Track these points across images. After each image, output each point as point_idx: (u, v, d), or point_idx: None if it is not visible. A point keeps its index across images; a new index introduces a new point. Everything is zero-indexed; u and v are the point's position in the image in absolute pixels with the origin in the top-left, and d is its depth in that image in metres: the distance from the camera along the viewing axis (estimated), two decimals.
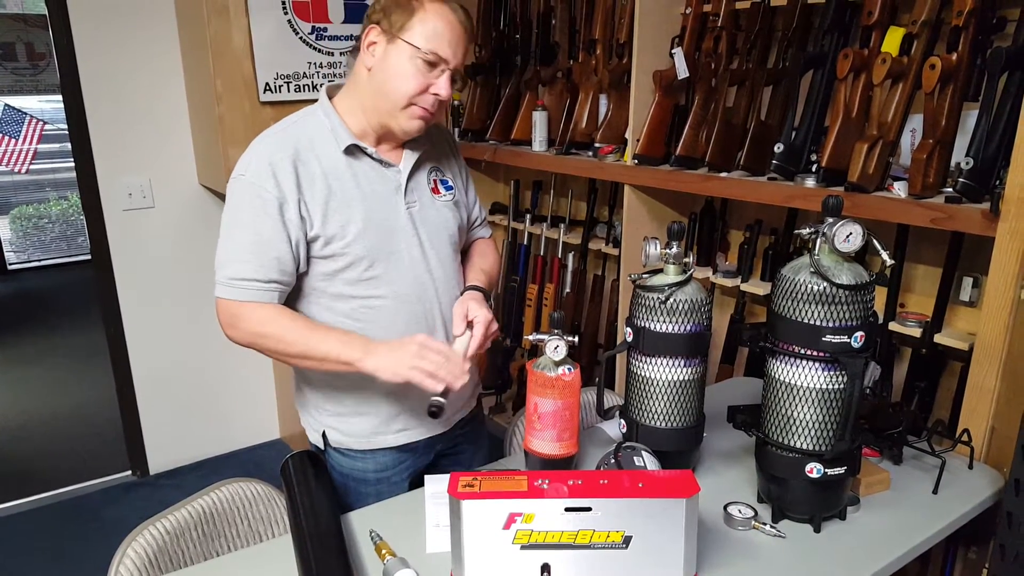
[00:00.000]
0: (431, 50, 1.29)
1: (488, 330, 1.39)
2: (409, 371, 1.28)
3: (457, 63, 1.33)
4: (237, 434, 3.31)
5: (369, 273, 1.37)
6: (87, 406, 3.77)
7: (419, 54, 1.29)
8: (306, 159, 1.33)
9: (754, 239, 2.30)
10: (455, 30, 1.31)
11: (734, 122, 2.13)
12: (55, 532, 2.79)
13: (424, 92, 1.32)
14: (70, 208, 6.52)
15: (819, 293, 1.20)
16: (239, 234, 1.33)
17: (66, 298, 5.54)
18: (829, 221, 1.22)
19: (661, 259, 1.35)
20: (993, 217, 1.52)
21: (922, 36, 1.72)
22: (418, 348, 1.29)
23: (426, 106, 1.33)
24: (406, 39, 1.29)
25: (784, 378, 1.27)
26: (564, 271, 2.98)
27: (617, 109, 2.50)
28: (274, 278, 1.33)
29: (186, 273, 3.00)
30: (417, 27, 1.29)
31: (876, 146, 1.75)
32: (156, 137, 2.85)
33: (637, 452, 1.33)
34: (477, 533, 1.09)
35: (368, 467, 1.48)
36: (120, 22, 2.69)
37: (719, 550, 1.24)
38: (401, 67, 1.30)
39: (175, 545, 1.31)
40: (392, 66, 1.31)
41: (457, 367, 1.30)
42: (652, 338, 1.35)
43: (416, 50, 1.29)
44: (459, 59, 1.33)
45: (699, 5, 2.21)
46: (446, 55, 1.30)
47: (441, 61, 1.31)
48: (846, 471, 1.27)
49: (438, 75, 1.32)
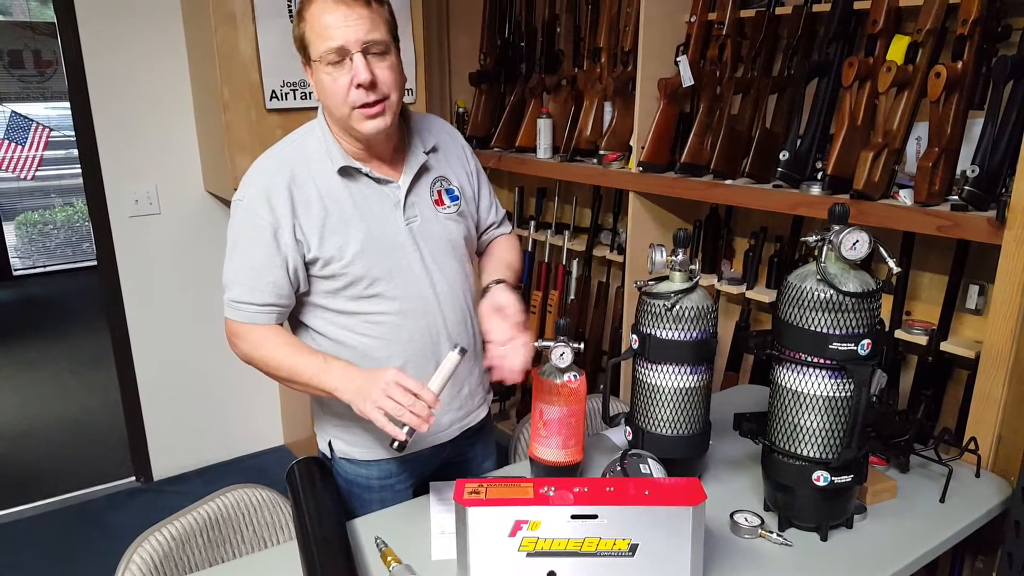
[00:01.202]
0: (325, 50, 1.24)
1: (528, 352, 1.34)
2: (372, 410, 1.21)
3: (359, 39, 1.23)
4: (241, 440, 3.31)
5: (371, 290, 1.37)
6: (92, 412, 3.77)
7: (323, 62, 1.25)
8: (302, 182, 1.33)
9: (759, 247, 2.30)
10: (334, 12, 1.23)
11: (739, 130, 2.14)
12: (59, 538, 2.79)
13: (350, 90, 1.26)
14: (75, 214, 6.54)
15: (826, 300, 1.20)
16: (237, 258, 1.35)
17: (71, 304, 5.55)
18: (836, 228, 1.22)
19: (667, 266, 1.35)
20: (999, 225, 1.52)
21: (927, 44, 1.72)
22: (385, 386, 1.20)
23: (361, 101, 1.26)
24: (313, 58, 1.27)
25: (791, 386, 1.27)
26: (568, 278, 2.98)
27: (622, 117, 2.51)
28: (270, 302, 1.34)
29: (191, 280, 3.00)
30: (311, 40, 1.26)
31: (881, 154, 1.75)
32: (162, 144, 2.86)
33: (643, 459, 1.33)
34: (483, 540, 1.09)
35: (372, 474, 1.48)
36: (127, 29, 2.70)
37: (725, 558, 1.23)
38: (324, 86, 1.28)
39: (180, 551, 1.31)
40: (321, 90, 1.30)
41: (424, 410, 1.19)
42: (658, 345, 1.35)
43: (319, 61, 1.25)
44: (357, 34, 1.23)
45: (704, 13, 2.22)
46: (338, 42, 1.23)
47: (340, 52, 1.24)
48: (853, 479, 1.26)
49: (350, 66, 1.25)
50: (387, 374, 1.22)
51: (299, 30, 1.28)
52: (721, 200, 2.22)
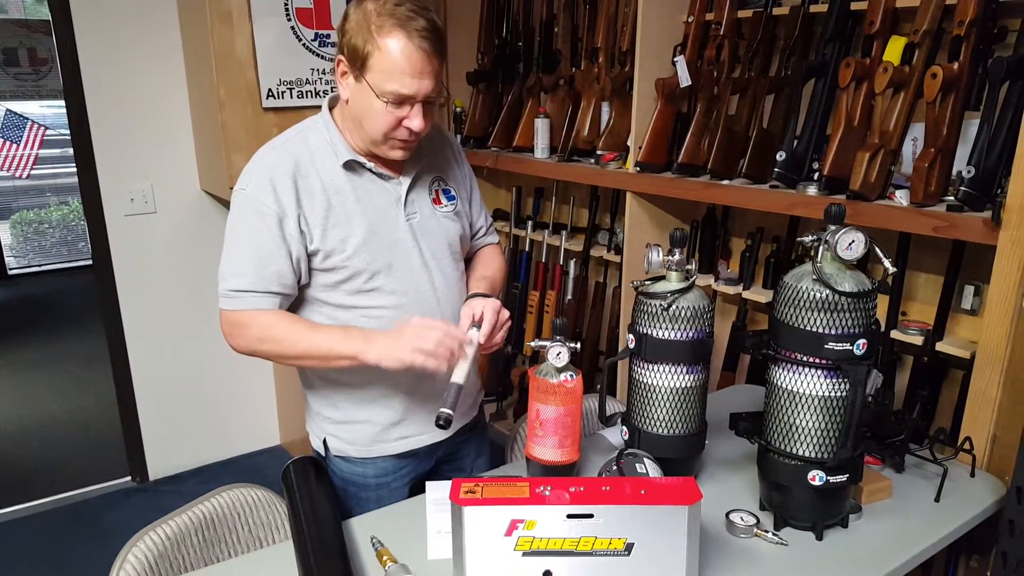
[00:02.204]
0: (393, 91, 1.25)
1: (500, 316, 1.37)
2: (411, 354, 1.26)
3: (426, 92, 1.27)
4: (237, 440, 3.30)
5: (370, 285, 1.38)
6: (87, 411, 3.76)
7: (383, 96, 1.26)
8: (306, 173, 1.33)
9: (756, 247, 2.30)
10: (415, 62, 1.23)
11: (736, 130, 2.14)
12: (55, 538, 2.78)
13: (397, 127, 1.29)
14: (71, 213, 6.52)
15: (822, 300, 1.20)
16: (240, 248, 1.34)
17: (67, 303, 5.54)
18: (832, 229, 1.23)
19: (664, 266, 1.35)
20: (994, 225, 1.52)
21: (923, 45, 1.72)
22: (415, 329, 1.28)
23: (402, 138, 1.31)
24: (368, 81, 1.26)
25: (786, 385, 1.27)
26: (566, 278, 2.98)
27: (619, 117, 2.51)
28: (274, 290, 1.34)
29: (187, 279, 3.00)
30: (376, 68, 1.24)
31: (878, 154, 1.75)
32: (158, 142, 2.85)
33: (639, 459, 1.33)
34: (479, 540, 1.09)
35: (368, 472, 1.48)
36: (123, 27, 2.70)
37: (721, 558, 1.23)
38: (370, 107, 1.28)
39: (176, 551, 1.31)
40: (362, 105, 1.29)
41: (456, 340, 1.29)
42: (654, 345, 1.35)
43: (379, 93, 1.26)
44: (427, 88, 1.27)
45: (701, 13, 2.22)
46: (410, 92, 1.25)
47: (407, 99, 1.26)
48: (848, 479, 1.26)
49: (408, 110, 1.28)
50: (412, 320, 1.29)
51: (365, 48, 1.24)
52: (718, 200, 2.22)
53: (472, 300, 1.41)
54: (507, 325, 1.40)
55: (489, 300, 1.39)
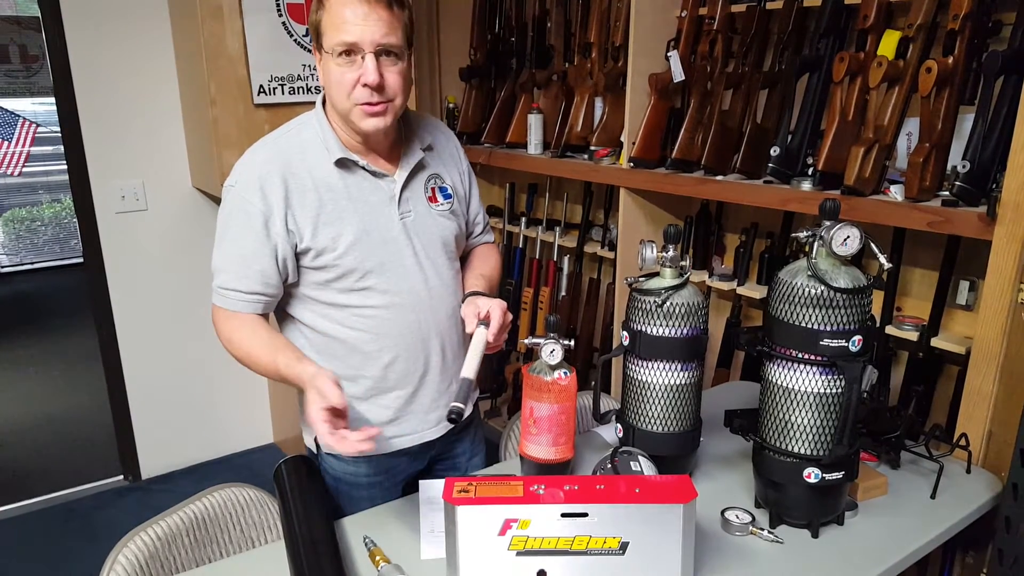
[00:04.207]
0: (337, 43, 1.23)
1: (506, 317, 1.35)
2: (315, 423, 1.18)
3: (374, 40, 1.23)
4: (230, 438, 3.29)
5: (362, 283, 1.36)
6: (79, 410, 3.74)
7: (333, 54, 1.24)
8: (297, 171, 1.32)
9: (750, 242, 2.30)
10: (356, 8, 1.22)
11: (730, 125, 2.13)
12: (46, 537, 2.77)
13: (356, 86, 1.26)
14: (63, 211, 6.49)
15: (816, 297, 1.20)
16: (227, 245, 1.34)
17: (58, 301, 5.52)
18: (826, 224, 1.22)
19: (657, 262, 1.34)
20: (990, 220, 1.52)
21: (918, 40, 1.72)
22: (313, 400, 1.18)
23: (365, 100, 1.27)
24: (323, 46, 1.27)
25: (781, 382, 1.26)
26: (559, 274, 2.97)
27: (613, 112, 2.50)
28: (257, 290, 1.33)
29: (179, 276, 2.98)
30: (326, 29, 1.25)
31: (872, 149, 1.75)
32: (149, 139, 2.83)
33: (634, 457, 1.32)
34: (472, 539, 1.08)
35: (361, 471, 1.47)
36: (113, 24, 2.67)
37: (716, 556, 1.23)
38: (330, 75, 1.27)
39: (167, 551, 1.30)
40: (327, 81, 1.29)
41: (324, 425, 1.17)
42: (648, 342, 1.34)
43: (330, 52, 1.25)
44: (373, 34, 1.23)
45: (695, 8, 2.21)
46: (352, 38, 1.23)
47: (352, 47, 1.23)
48: (844, 476, 1.26)
49: (360, 63, 1.25)
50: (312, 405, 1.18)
51: (316, 16, 1.27)
52: (712, 196, 2.21)
53: (476, 299, 1.40)
54: (509, 327, 1.39)
55: (495, 300, 1.38)
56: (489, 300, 1.37)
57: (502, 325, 1.34)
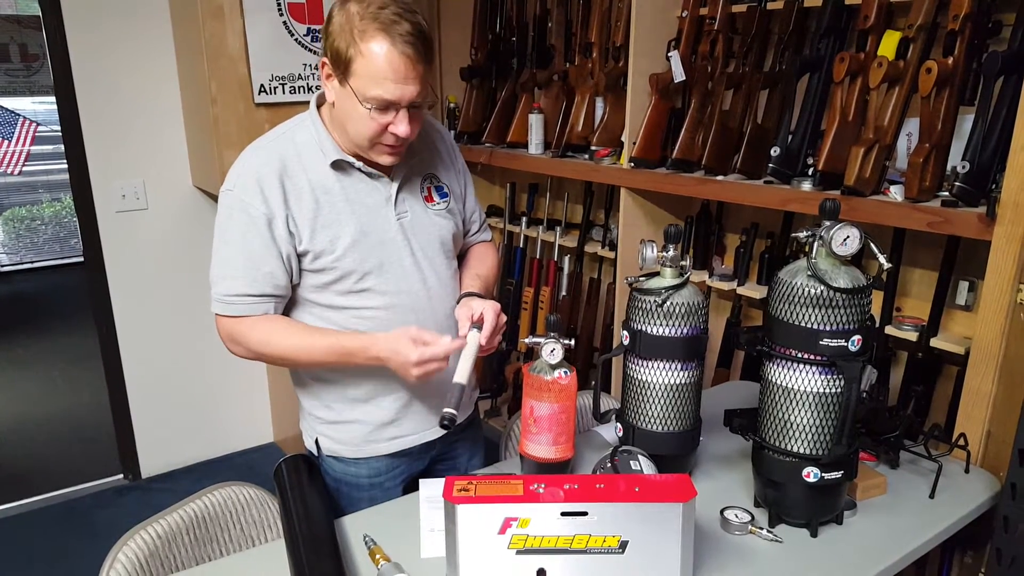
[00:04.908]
0: (376, 97, 1.22)
1: (499, 320, 1.35)
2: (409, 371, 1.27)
3: (411, 98, 1.24)
4: (230, 437, 3.29)
5: (360, 285, 1.36)
6: (79, 409, 3.74)
7: (366, 103, 1.23)
8: (293, 173, 1.31)
9: (750, 242, 2.30)
10: (398, 68, 1.20)
11: (730, 125, 2.13)
12: (46, 536, 2.77)
13: (383, 132, 1.27)
14: (63, 210, 6.49)
15: (816, 297, 1.20)
16: (230, 251, 1.32)
17: (59, 300, 5.51)
18: (826, 224, 1.22)
19: (658, 262, 1.35)
20: (989, 221, 1.52)
21: (918, 40, 1.72)
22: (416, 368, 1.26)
23: (389, 143, 1.29)
24: (352, 86, 1.23)
25: (781, 382, 1.26)
26: (560, 274, 2.97)
27: (613, 112, 2.50)
28: (268, 292, 1.33)
29: (179, 275, 2.98)
30: (360, 73, 1.22)
31: (872, 150, 1.75)
32: (150, 138, 2.83)
33: (633, 456, 1.33)
34: (472, 538, 1.08)
35: (361, 472, 1.47)
36: (114, 23, 2.68)
37: (716, 555, 1.23)
38: (355, 112, 1.25)
39: (167, 549, 1.30)
40: (346, 110, 1.27)
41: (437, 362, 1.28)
42: (649, 341, 1.34)
43: (362, 99, 1.23)
44: (411, 94, 1.24)
45: (695, 8, 2.21)
46: (394, 98, 1.23)
47: (390, 104, 1.24)
48: (843, 475, 1.26)
49: (393, 115, 1.25)
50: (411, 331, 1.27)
51: (347, 52, 1.21)
52: (712, 196, 2.22)
53: (470, 300, 1.40)
54: (503, 328, 1.38)
55: (489, 302, 1.37)
56: (483, 302, 1.37)
57: (495, 328, 1.33)
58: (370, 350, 1.30)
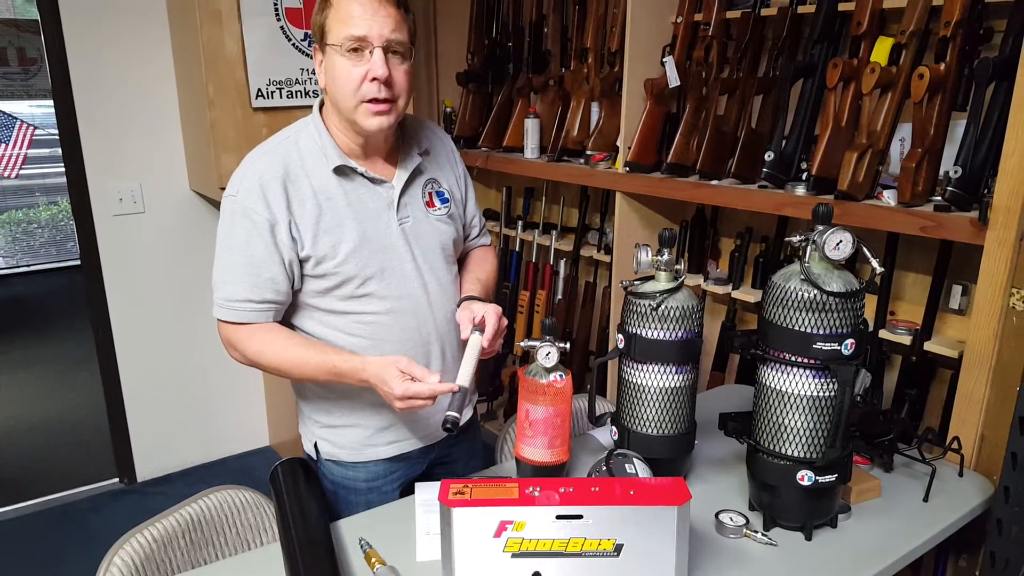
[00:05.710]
0: (346, 36, 1.23)
1: (501, 323, 1.35)
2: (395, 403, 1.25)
3: (382, 35, 1.24)
4: (226, 441, 3.29)
5: (362, 290, 1.36)
6: (75, 412, 3.74)
7: (341, 49, 1.24)
8: (296, 178, 1.31)
9: (745, 247, 2.31)
10: (365, 4, 1.23)
11: (725, 130, 2.14)
12: (42, 539, 2.76)
13: (363, 82, 1.26)
14: (60, 213, 6.48)
15: (810, 300, 1.21)
16: (232, 256, 1.32)
17: (55, 304, 5.50)
18: (820, 229, 1.23)
19: (652, 266, 1.35)
20: (982, 226, 1.53)
21: (910, 46, 1.73)
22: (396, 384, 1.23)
23: (372, 96, 1.26)
24: (329, 43, 1.26)
25: (775, 385, 1.27)
26: (556, 278, 2.98)
27: (609, 117, 2.51)
28: (268, 298, 1.32)
29: (176, 279, 2.98)
30: (332, 24, 1.25)
31: (866, 155, 1.76)
32: (147, 142, 2.83)
33: (628, 459, 1.33)
34: (468, 541, 1.09)
35: (359, 476, 1.47)
36: (112, 27, 2.68)
37: (710, 558, 1.23)
38: (335, 70, 1.27)
39: (162, 553, 1.30)
40: (332, 77, 1.28)
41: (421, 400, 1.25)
42: (643, 345, 1.35)
43: (338, 47, 1.25)
44: (382, 30, 1.24)
45: (690, 14, 2.23)
46: (362, 32, 1.23)
47: (361, 42, 1.24)
48: (837, 479, 1.27)
49: (368, 58, 1.25)
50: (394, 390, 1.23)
51: (321, 16, 1.28)
52: (707, 200, 2.23)
53: (471, 303, 1.40)
54: (504, 331, 1.38)
55: (490, 305, 1.37)
56: (484, 305, 1.37)
57: (497, 330, 1.33)
58: (360, 374, 1.29)
